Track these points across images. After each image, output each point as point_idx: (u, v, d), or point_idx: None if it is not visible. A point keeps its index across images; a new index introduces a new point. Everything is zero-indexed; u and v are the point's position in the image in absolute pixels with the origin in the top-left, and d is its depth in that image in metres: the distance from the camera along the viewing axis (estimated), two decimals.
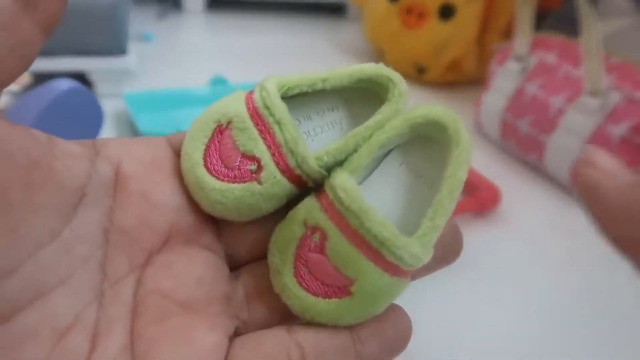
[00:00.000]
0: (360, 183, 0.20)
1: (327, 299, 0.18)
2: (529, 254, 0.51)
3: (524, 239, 0.53)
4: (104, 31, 0.64)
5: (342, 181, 0.18)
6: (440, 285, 0.43)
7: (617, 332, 0.42)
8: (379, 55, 0.94)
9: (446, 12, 0.80)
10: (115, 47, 0.66)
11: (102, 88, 0.68)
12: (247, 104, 0.20)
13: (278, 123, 0.19)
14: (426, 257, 0.19)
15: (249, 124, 0.19)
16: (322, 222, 0.18)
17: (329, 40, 1.09)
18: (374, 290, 0.18)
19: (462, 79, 0.86)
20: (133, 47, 0.73)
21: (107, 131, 0.59)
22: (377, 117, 0.20)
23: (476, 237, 0.51)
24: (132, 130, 0.60)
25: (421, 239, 0.18)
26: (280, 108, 0.19)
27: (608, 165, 0.17)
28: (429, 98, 0.82)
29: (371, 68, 0.21)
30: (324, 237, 0.18)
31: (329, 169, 0.20)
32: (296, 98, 0.21)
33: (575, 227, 0.55)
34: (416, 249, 0.18)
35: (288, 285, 0.19)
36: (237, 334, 0.19)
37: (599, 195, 0.17)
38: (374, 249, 0.18)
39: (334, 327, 0.19)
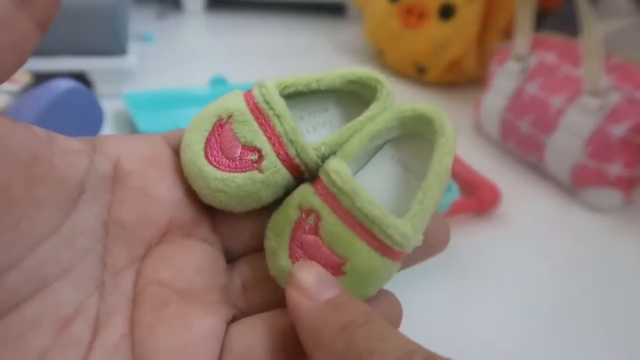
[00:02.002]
0: (354, 174, 0.21)
1: None
2: (529, 254, 0.51)
3: (524, 239, 0.53)
4: (104, 31, 0.64)
5: (334, 165, 0.20)
6: (440, 285, 0.43)
7: (618, 332, 0.42)
8: (379, 55, 0.94)
9: (446, 12, 0.80)
10: (115, 47, 0.66)
11: (102, 88, 0.68)
12: (246, 100, 0.21)
13: (278, 116, 0.20)
14: (415, 239, 0.19)
15: (249, 117, 0.20)
16: (316, 204, 0.19)
17: (329, 40, 1.09)
18: (366, 270, 0.19)
19: (462, 79, 0.86)
20: (133, 47, 0.73)
21: (107, 131, 0.59)
22: (367, 113, 0.22)
23: (476, 237, 0.51)
24: (132, 130, 0.60)
25: (411, 220, 0.19)
26: (280, 102, 0.21)
27: (309, 283, 0.17)
28: (429, 98, 0.82)
29: (361, 70, 0.22)
30: (317, 218, 0.19)
31: (325, 160, 0.21)
32: (290, 99, 0.22)
33: (575, 227, 0.55)
34: (406, 228, 0.19)
35: (284, 267, 0.19)
36: (234, 321, 0.20)
37: (297, 318, 0.17)
38: (365, 228, 0.19)
39: None
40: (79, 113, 0.47)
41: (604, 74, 0.54)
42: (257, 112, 0.21)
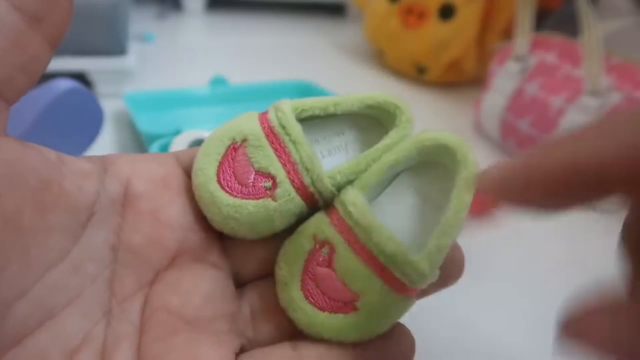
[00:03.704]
0: (369, 202, 0.21)
1: (332, 314, 0.18)
2: (528, 254, 0.51)
3: (524, 240, 0.53)
4: (104, 31, 0.64)
5: (352, 197, 0.19)
6: None
7: None
8: (379, 55, 0.94)
9: (446, 12, 0.80)
10: (115, 47, 0.66)
11: (102, 88, 0.68)
12: (261, 123, 0.20)
13: (294, 142, 0.20)
14: (432, 275, 0.19)
15: (264, 142, 0.20)
16: (331, 236, 0.19)
17: (329, 40, 1.09)
18: (380, 307, 0.18)
19: (462, 79, 0.86)
20: (133, 47, 0.73)
21: (107, 131, 0.59)
22: (386, 140, 0.21)
23: (476, 237, 0.51)
24: (132, 130, 0.60)
25: (428, 257, 0.18)
26: (296, 128, 0.20)
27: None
28: (429, 98, 0.82)
29: (380, 95, 0.22)
30: (332, 251, 0.19)
31: (340, 189, 0.20)
32: (305, 122, 0.21)
33: (575, 228, 0.55)
34: (423, 266, 0.18)
35: (294, 299, 0.19)
36: (242, 351, 0.19)
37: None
38: (381, 265, 0.18)
39: (338, 344, 0.19)
40: (79, 113, 0.47)
41: (604, 74, 0.54)
42: (273, 136, 0.20)
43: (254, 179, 0.20)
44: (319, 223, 0.19)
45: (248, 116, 0.21)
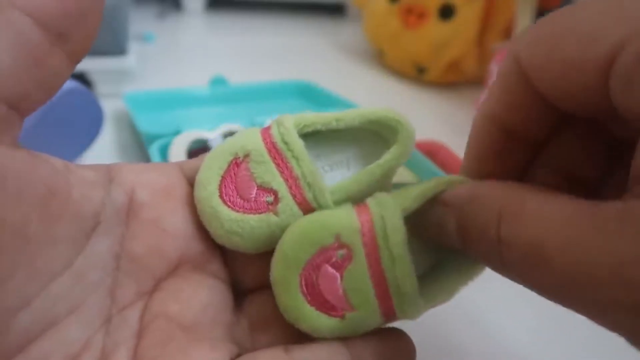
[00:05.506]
0: None
1: (315, 310, 0.19)
2: None
3: None
4: (104, 31, 0.64)
5: (395, 221, 0.18)
6: None
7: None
8: (379, 55, 0.94)
9: (446, 12, 0.80)
10: (115, 47, 0.66)
11: (102, 88, 0.68)
12: (264, 138, 0.20)
13: (296, 158, 0.20)
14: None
15: (267, 157, 0.20)
16: (356, 245, 0.18)
17: (329, 40, 1.09)
18: (364, 325, 0.19)
19: (462, 79, 0.86)
20: (133, 47, 0.73)
21: (107, 131, 0.59)
22: (387, 156, 0.21)
23: None
24: (132, 130, 0.60)
25: (431, 302, 0.19)
26: (298, 144, 0.20)
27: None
28: (429, 98, 0.82)
29: (382, 111, 0.22)
30: (348, 259, 0.18)
31: (341, 204, 0.20)
32: (307, 137, 0.22)
33: None
34: (422, 311, 0.19)
35: (289, 281, 0.19)
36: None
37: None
38: (388, 294, 0.18)
39: (333, 348, 0.19)
40: (79, 113, 0.47)
41: None
42: (275, 152, 0.20)
43: (256, 194, 0.20)
44: (348, 224, 0.18)
45: (250, 131, 0.21)
